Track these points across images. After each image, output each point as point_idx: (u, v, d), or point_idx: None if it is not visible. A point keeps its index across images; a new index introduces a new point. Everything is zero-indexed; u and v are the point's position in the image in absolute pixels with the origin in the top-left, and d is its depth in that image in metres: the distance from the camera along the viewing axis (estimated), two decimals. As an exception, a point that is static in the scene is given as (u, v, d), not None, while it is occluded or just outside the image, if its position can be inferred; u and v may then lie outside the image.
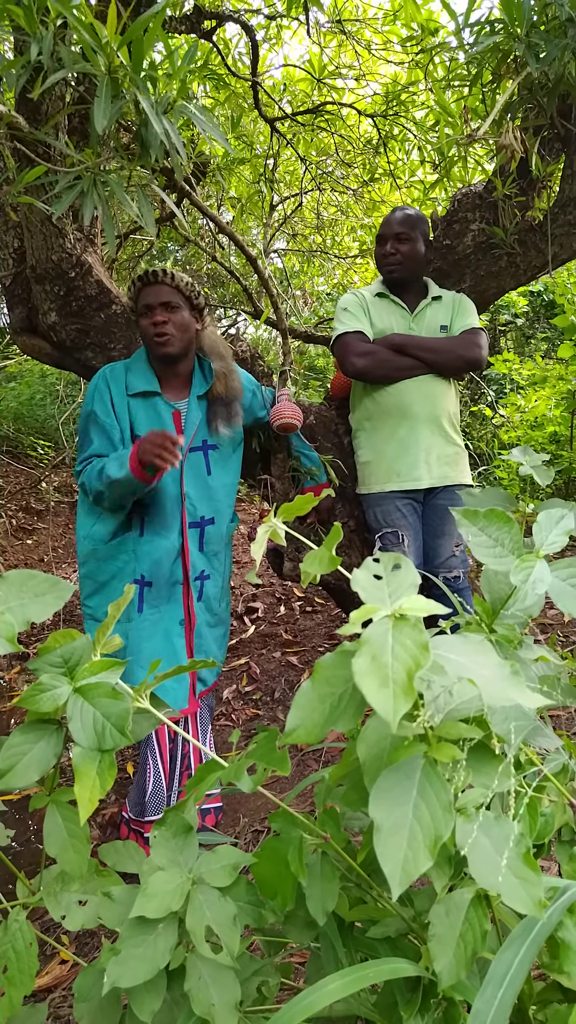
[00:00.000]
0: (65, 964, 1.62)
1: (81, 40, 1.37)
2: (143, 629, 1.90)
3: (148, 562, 1.91)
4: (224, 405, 1.99)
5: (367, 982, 0.62)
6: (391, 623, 0.59)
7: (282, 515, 0.84)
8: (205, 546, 1.99)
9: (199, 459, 1.97)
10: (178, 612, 1.95)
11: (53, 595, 0.73)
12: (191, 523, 1.95)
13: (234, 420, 2.01)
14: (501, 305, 6.22)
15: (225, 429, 1.99)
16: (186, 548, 1.94)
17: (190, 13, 2.71)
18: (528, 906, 0.58)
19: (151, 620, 1.91)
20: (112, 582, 1.93)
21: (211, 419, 1.98)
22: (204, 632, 2.00)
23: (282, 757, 0.73)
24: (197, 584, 1.98)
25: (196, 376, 2.00)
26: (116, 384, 1.93)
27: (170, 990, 0.73)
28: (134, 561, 1.92)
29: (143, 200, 1.55)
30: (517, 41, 1.86)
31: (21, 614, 0.71)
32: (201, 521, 1.97)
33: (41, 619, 0.71)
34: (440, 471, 2.22)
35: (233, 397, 2.00)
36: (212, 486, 1.98)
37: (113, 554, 1.92)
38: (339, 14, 3.29)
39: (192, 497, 1.95)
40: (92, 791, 0.69)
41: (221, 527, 2.01)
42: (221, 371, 1.99)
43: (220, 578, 2.05)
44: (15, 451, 6.11)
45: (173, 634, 1.93)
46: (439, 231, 2.46)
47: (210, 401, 1.99)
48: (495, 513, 0.77)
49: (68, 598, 0.74)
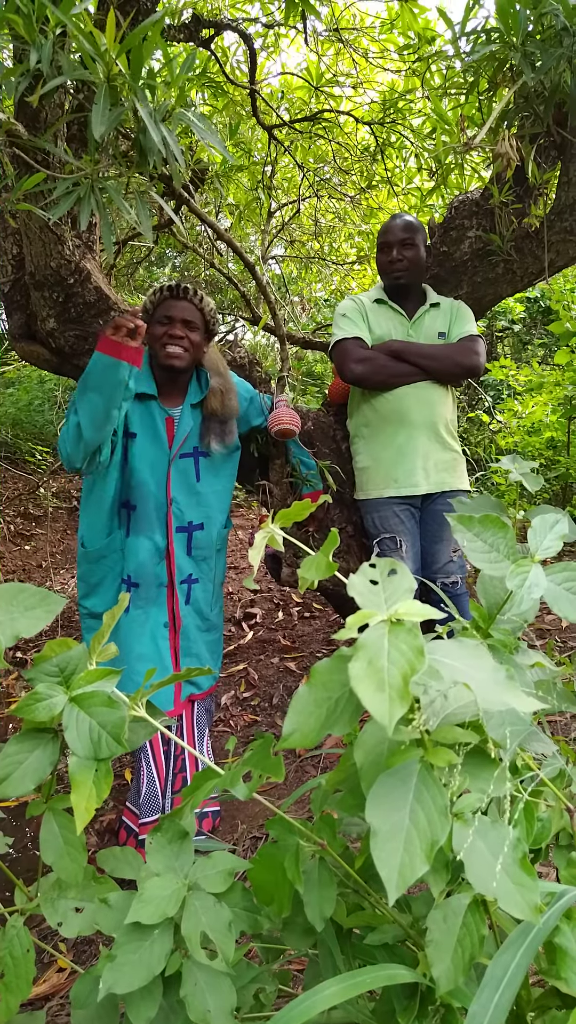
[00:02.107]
0: (63, 972, 1.62)
1: (80, 48, 1.38)
2: (132, 629, 1.93)
3: (134, 563, 1.93)
4: (219, 422, 2.01)
5: (364, 988, 0.62)
6: (387, 628, 0.59)
7: (280, 521, 0.84)
8: (193, 551, 2.01)
9: (188, 465, 1.99)
10: (162, 615, 1.97)
11: (43, 609, 0.73)
12: (178, 527, 1.97)
13: (227, 438, 2.02)
14: (498, 311, 6.24)
15: (218, 446, 2.00)
16: (171, 551, 1.96)
17: (188, 22, 2.73)
18: (524, 911, 0.58)
19: (139, 621, 1.94)
20: (104, 582, 1.96)
21: (204, 434, 2.00)
22: (193, 636, 2.01)
23: (276, 763, 0.73)
24: (184, 587, 2.00)
25: (192, 385, 2.03)
26: None
27: (166, 996, 0.72)
28: (121, 561, 1.94)
29: (141, 206, 1.56)
30: (513, 50, 1.87)
31: (10, 629, 0.70)
32: (189, 526, 1.99)
33: (31, 633, 0.70)
34: (438, 477, 2.23)
35: (229, 415, 2.02)
36: (201, 492, 2.01)
37: (104, 554, 1.94)
38: (336, 23, 3.31)
39: (179, 502, 1.97)
40: (88, 800, 0.69)
41: (211, 533, 2.03)
42: (218, 387, 2.01)
43: (211, 584, 2.06)
44: (13, 457, 6.11)
45: (158, 636, 1.95)
46: (436, 238, 2.47)
47: (206, 416, 2.01)
48: (490, 519, 0.77)
49: (59, 611, 0.73)
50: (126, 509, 1.95)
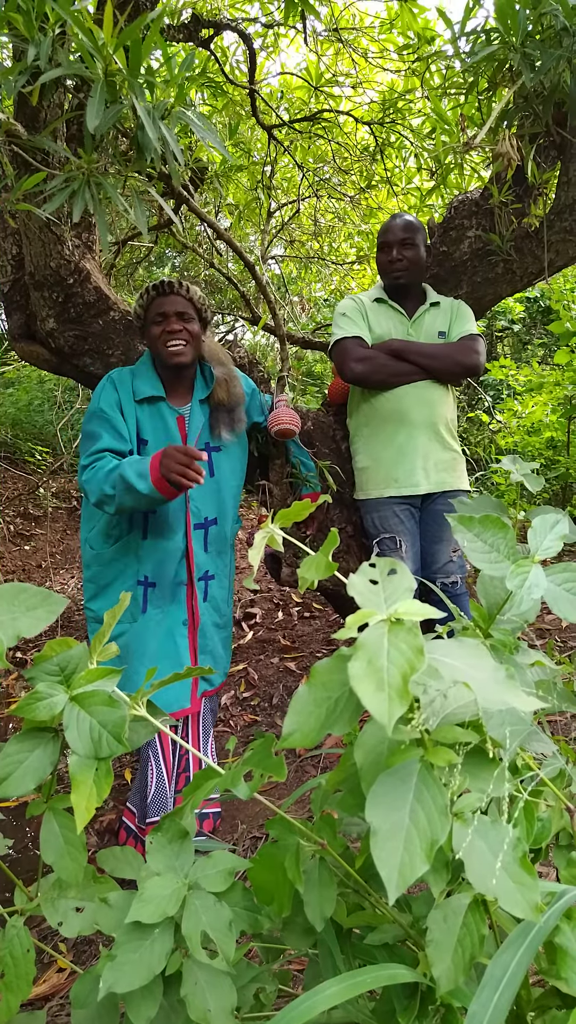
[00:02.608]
0: (63, 972, 1.62)
1: (79, 44, 1.38)
2: (147, 629, 1.92)
3: (151, 564, 1.92)
4: (227, 411, 2.02)
5: (365, 988, 0.62)
6: (387, 627, 0.59)
7: (280, 521, 0.84)
8: (209, 546, 2.01)
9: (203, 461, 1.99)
10: (181, 612, 1.96)
11: (45, 609, 0.73)
12: (196, 524, 1.97)
13: (237, 426, 2.04)
14: (498, 311, 6.24)
15: (228, 435, 2.02)
16: (190, 549, 1.96)
17: (188, 22, 2.73)
18: (525, 910, 0.58)
19: (155, 620, 1.93)
20: (115, 584, 1.94)
21: (214, 425, 2.01)
22: (210, 633, 2.01)
23: (278, 763, 0.73)
24: (201, 584, 1.99)
25: (198, 381, 2.03)
26: (123, 388, 1.95)
27: (166, 996, 0.73)
28: (136, 563, 1.93)
29: (137, 202, 1.56)
30: (513, 50, 1.87)
31: (12, 629, 0.70)
32: (205, 522, 1.99)
33: (32, 633, 0.70)
34: (438, 477, 2.23)
35: (236, 403, 2.04)
36: (216, 487, 2.01)
37: (116, 557, 1.94)
38: (336, 22, 3.31)
39: (196, 499, 1.97)
40: (89, 799, 0.69)
41: (224, 528, 2.03)
42: (223, 377, 2.02)
43: (226, 579, 2.07)
44: (13, 457, 6.11)
45: (176, 634, 1.94)
46: (436, 238, 2.47)
47: (213, 407, 2.01)
48: (490, 519, 0.77)
49: (60, 612, 0.73)
50: (142, 512, 1.92)
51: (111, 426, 1.89)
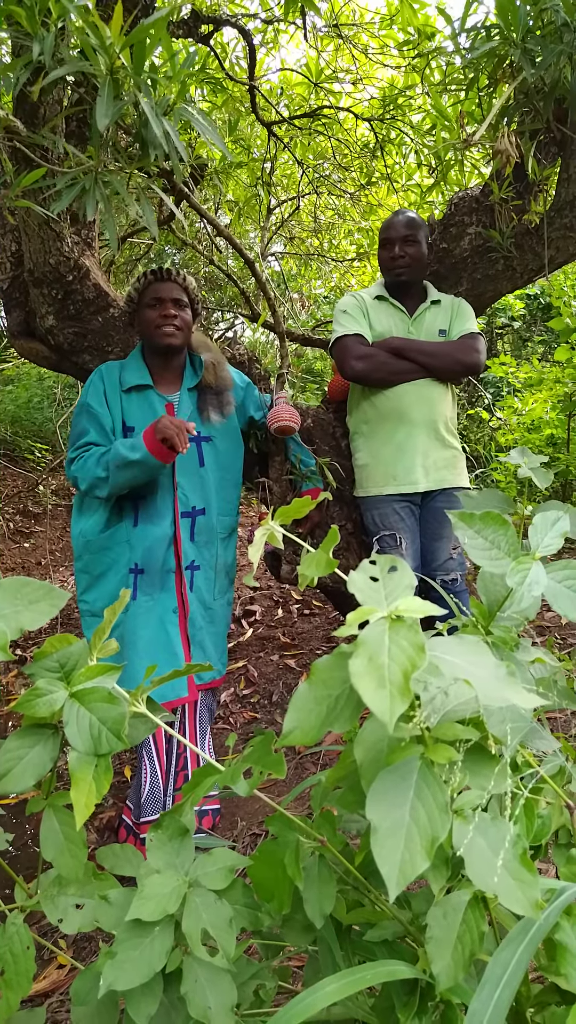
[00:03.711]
0: (63, 969, 1.62)
1: (82, 40, 1.38)
2: (138, 616, 1.93)
3: (141, 550, 1.94)
4: (215, 394, 2.07)
5: (364, 984, 0.62)
6: (387, 624, 0.59)
7: (279, 518, 0.84)
8: (196, 536, 2.02)
9: (192, 449, 2.02)
10: (171, 600, 1.98)
11: (47, 602, 0.73)
12: (183, 512, 1.99)
13: (226, 409, 2.09)
14: (498, 308, 6.24)
15: (216, 416, 2.06)
16: (178, 536, 1.98)
17: (187, 18, 2.72)
18: (525, 907, 0.58)
19: (146, 607, 1.94)
20: (108, 573, 1.97)
21: (202, 408, 2.05)
22: (199, 624, 2.02)
23: (278, 760, 0.73)
24: (188, 573, 2.01)
25: (187, 370, 2.07)
26: (110, 380, 2.01)
27: (167, 993, 0.72)
28: (128, 551, 1.96)
29: (144, 201, 1.56)
30: (513, 46, 1.87)
31: (15, 622, 0.70)
32: (192, 511, 2.01)
33: (35, 627, 0.70)
34: (437, 474, 2.22)
35: (223, 387, 2.09)
36: (204, 477, 2.03)
37: (108, 545, 1.96)
38: (336, 18, 3.30)
39: (184, 487, 1.99)
40: (88, 796, 0.69)
41: (211, 518, 2.04)
42: (210, 361, 2.07)
43: (211, 571, 2.06)
44: (12, 454, 6.11)
45: (167, 622, 1.95)
46: (436, 235, 2.46)
47: (201, 391, 2.06)
48: (491, 516, 0.77)
49: (63, 605, 0.73)
50: (131, 500, 1.96)
51: (98, 422, 1.95)
